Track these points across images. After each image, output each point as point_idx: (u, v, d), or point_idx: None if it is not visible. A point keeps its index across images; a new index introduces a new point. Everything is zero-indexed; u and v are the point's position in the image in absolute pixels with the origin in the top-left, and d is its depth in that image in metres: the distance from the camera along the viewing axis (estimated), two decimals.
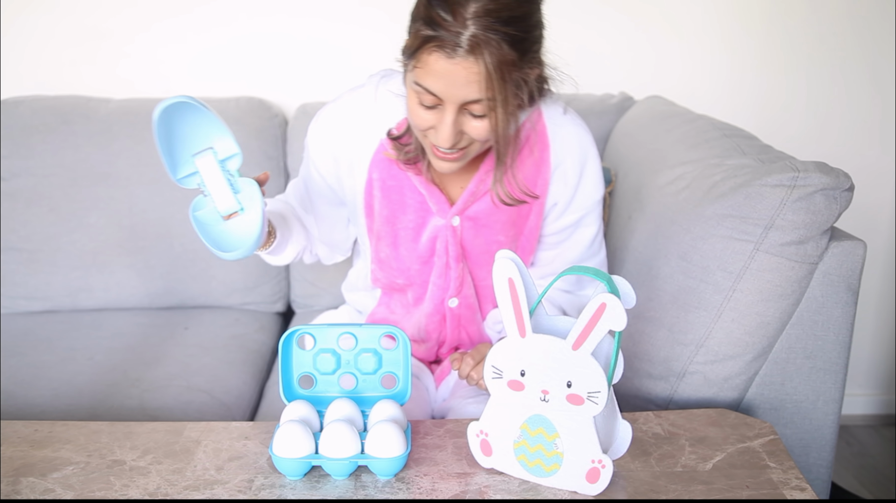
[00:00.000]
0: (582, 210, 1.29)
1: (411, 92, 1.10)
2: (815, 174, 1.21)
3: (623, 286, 0.98)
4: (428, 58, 1.04)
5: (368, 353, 1.14)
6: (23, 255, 1.87)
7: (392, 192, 1.26)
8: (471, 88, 1.04)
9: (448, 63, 1.03)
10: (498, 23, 1.01)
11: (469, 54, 1.02)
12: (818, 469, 1.34)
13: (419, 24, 1.05)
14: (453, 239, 1.27)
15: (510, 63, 1.04)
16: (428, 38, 1.03)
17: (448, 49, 1.02)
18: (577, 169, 1.26)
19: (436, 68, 1.04)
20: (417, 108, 1.10)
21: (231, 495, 0.99)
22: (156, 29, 2.01)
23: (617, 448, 1.04)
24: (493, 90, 1.04)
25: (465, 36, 1.01)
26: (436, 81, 1.05)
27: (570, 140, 1.25)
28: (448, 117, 1.08)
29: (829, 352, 1.28)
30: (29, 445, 1.10)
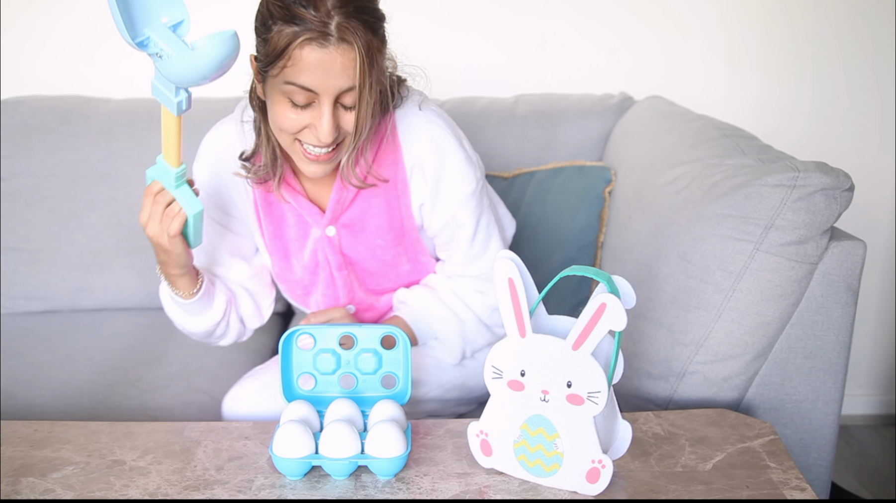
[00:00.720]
0: (450, 206, 1.27)
1: (279, 97, 1.10)
2: (816, 174, 1.21)
3: (623, 286, 0.98)
4: (301, 52, 1.06)
5: (368, 354, 1.14)
6: (23, 255, 1.87)
7: (272, 207, 1.29)
8: (346, 75, 1.07)
9: (322, 53, 1.05)
10: (356, 11, 1.06)
11: (341, 41, 1.05)
12: (818, 469, 1.34)
13: (279, 25, 1.06)
14: (331, 248, 1.28)
15: (375, 48, 1.08)
16: (296, 34, 1.05)
17: (321, 40, 1.04)
18: (434, 165, 1.24)
19: (311, 60, 1.05)
20: (287, 111, 1.10)
21: (231, 495, 0.99)
22: None
23: (617, 448, 1.04)
24: (364, 75, 1.07)
25: (332, 25, 1.05)
26: (311, 74, 1.06)
27: (422, 138, 1.23)
28: (326, 108, 1.09)
29: (829, 352, 1.28)
30: (29, 445, 1.10)
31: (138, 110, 1.90)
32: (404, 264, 1.32)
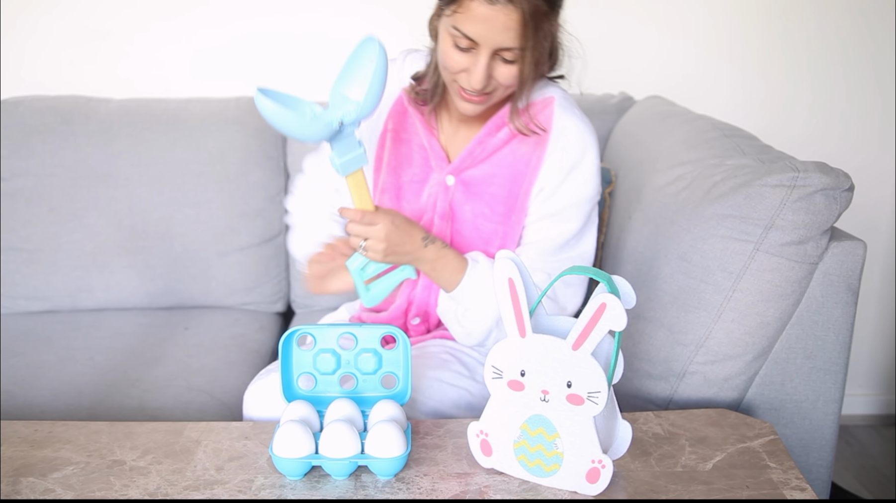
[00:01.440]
0: (566, 201, 1.27)
1: (447, 35, 1.15)
2: (815, 174, 1.21)
3: (623, 286, 0.98)
4: (470, 3, 1.10)
5: (368, 354, 1.14)
6: (23, 255, 1.87)
7: (402, 144, 1.32)
8: (507, 35, 1.11)
9: (488, 9, 1.09)
10: None
11: (509, 2, 1.09)
12: (818, 469, 1.34)
13: None
14: (444, 196, 1.30)
15: (543, 13, 1.12)
16: None
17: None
18: (571, 159, 1.26)
19: (477, 13, 1.10)
20: (451, 50, 1.15)
21: (231, 495, 0.99)
22: (156, 29, 2.01)
23: (617, 448, 1.04)
24: (527, 38, 1.11)
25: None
26: (475, 26, 1.11)
27: (573, 132, 1.26)
28: (482, 60, 1.14)
29: (829, 352, 1.28)
30: (29, 445, 1.10)
31: (138, 110, 1.90)
32: (495, 242, 1.32)
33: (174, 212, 1.87)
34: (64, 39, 2.00)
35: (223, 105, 1.92)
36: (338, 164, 1.14)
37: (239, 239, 1.90)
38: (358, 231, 1.18)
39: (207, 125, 1.88)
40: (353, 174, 1.15)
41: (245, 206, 1.89)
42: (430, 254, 1.24)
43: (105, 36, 2.01)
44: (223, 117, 1.89)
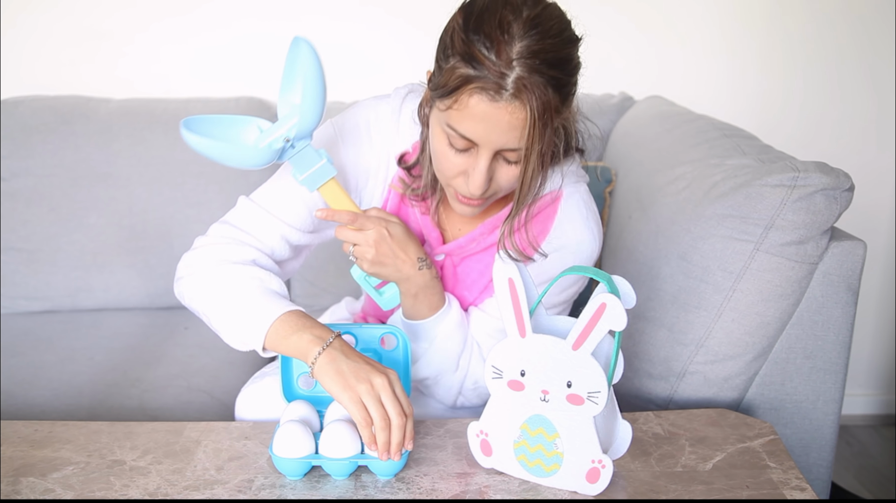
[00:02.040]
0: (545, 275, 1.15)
1: (440, 133, 1.01)
2: (816, 174, 1.21)
3: (623, 286, 0.98)
4: (468, 100, 0.95)
5: (368, 354, 1.14)
6: (23, 255, 1.87)
7: (401, 212, 1.19)
8: (512, 135, 0.97)
9: (491, 107, 0.94)
10: (544, 65, 0.94)
11: (515, 98, 0.94)
12: (818, 469, 1.34)
13: (456, 60, 0.95)
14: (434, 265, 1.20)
15: (553, 108, 0.96)
16: (468, 79, 0.94)
17: (492, 92, 0.93)
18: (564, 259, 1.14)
19: (476, 111, 0.95)
20: (447, 150, 1.01)
21: (231, 495, 0.99)
22: (155, 29, 2.01)
23: (617, 448, 1.04)
24: (534, 138, 0.96)
25: (510, 78, 0.93)
26: (475, 126, 0.96)
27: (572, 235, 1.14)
28: (482, 163, 0.99)
29: (829, 352, 1.28)
30: (29, 445, 1.10)
31: (138, 110, 1.90)
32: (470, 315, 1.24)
33: (174, 212, 1.87)
34: (63, 39, 2.00)
35: (223, 105, 1.92)
36: (300, 180, 1.05)
37: None
38: (346, 236, 1.10)
39: None
40: (324, 186, 1.07)
41: None
42: (422, 278, 1.13)
43: (104, 36, 2.01)
44: None
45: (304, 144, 1.04)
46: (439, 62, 0.99)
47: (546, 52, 0.94)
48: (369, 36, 2.02)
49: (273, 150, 1.01)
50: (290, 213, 1.13)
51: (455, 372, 1.20)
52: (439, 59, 1.00)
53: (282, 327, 1.03)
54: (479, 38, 0.94)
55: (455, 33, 0.97)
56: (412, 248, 1.12)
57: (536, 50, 0.94)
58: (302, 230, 1.14)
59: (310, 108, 1.00)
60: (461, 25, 0.97)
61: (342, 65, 2.02)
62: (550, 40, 0.95)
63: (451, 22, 1.00)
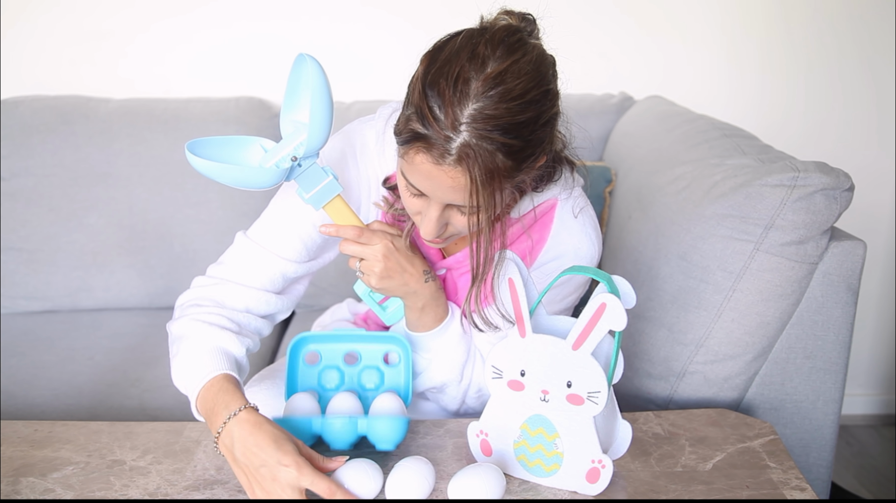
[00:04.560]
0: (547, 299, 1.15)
1: (400, 174, 1.00)
2: (816, 174, 1.21)
3: (623, 286, 0.98)
4: (415, 156, 0.94)
5: (371, 370, 1.16)
6: (23, 255, 1.87)
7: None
8: (456, 194, 0.95)
9: (433, 167, 0.93)
10: (496, 131, 0.90)
11: (457, 164, 0.91)
12: (818, 469, 1.34)
13: (410, 111, 0.94)
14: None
15: (502, 173, 0.93)
16: (416, 136, 0.93)
17: (435, 154, 0.92)
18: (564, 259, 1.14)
19: (421, 169, 0.94)
20: (405, 191, 1.01)
21: (231, 495, 0.99)
22: (156, 29, 2.01)
23: (617, 448, 1.04)
24: (478, 200, 0.93)
25: (455, 143, 0.90)
26: (420, 181, 0.96)
27: (569, 247, 1.13)
28: (432, 213, 0.99)
29: (829, 352, 1.28)
30: (29, 445, 1.10)
31: (138, 110, 1.90)
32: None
33: (174, 212, 1.87)
34: (64, 39, 2.00)
35: (223, 105, 1.92)
36: (307, 198, 1.05)
37: None
38: (352, 250, 1.08)
39: (207, 125, 1.88)
40: (329, 204, 1.06)
41: (245, 206, 1.89)
42: (428, 290, 1.12)
43: (105, 36, 2.01)
44: (223, 117, 1.89)
45: (310, 163, 1.03)
46: (404, 106, 0.97)
47: (500, 118, 0.90)
48: (369, 36, 2.02)
49: (280, 169, 1.01)
50: (285, 247, 1.13)
51: (459, 382, 1.19)
52: (404, 103, 0.97)
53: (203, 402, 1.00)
54: (432, 95, 0.92)
55: (416, 83, 0.95)
56: (418, 261, 1.11)
57: (489, 115, 0.90)
58: (298, 262, 1.14)
59: (318, 125, 0.99)
60: (422, 75, 0.94)
61: (342, 65, 2.02)
62: (508, 104, 0.90)
63: (418, 67, 0.97)
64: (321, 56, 1.04)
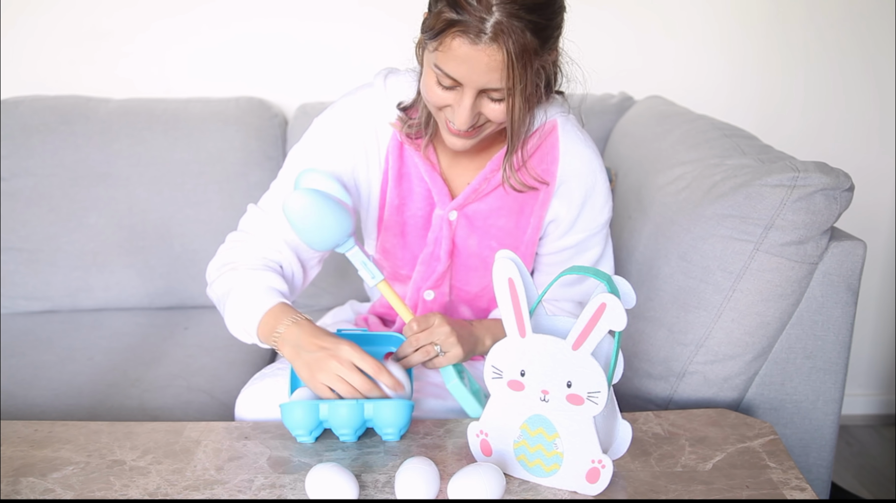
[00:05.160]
0: (585, 232, 1.26)
1: (430, 71, 1.08)
2: (816, 174, 1.21)
3: (623, 286, 0.98)
4: (451, 42, 1.02)
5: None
6: (23, 255, 1.87)
7: (402, 180, 1.25)
8: (492, 76, 1.03)
9: (471, 49, 1.01)
10: (523, 10, 1.00)
11: (493, 41, 1.00)
12: (818, 469, 1.34)
13: (443, 5, 1.02)
14: (447, 232, 1.25)
15: (532, 51, 1.03)
16: (451, 23, 1.01)
17: (472, 35, 1.00)
18: (583, 191, 1.23)
19: (458, 53, 1.02)
20: (434, 86, 1.08)
21: (231, 495, 0.99)
22: (156, 29, 2.01)
23: (617, 448, 1.04)
24: (514, 78, 1.03)
25: (489, 22, 0.99)
26: (457, 66, 1.03)
27: (581, 161, 1.22)
28: (466, 100, 1.07)
29: (829, 352, 1.28)
30: (29, 445, 1.10)
31: (138, 110, 1.90)
32: None
33: (174, 212, 1.87)
34: (63, 39, 2.00)
35: (223, 105, 1.92)
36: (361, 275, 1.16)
37: None
38: (423, 338, 1.14)
39: (207, 125, 1.88)
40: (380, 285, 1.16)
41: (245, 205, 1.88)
42: (480, 330, 1.22)
43: (105, 36, 2.01)
44: (223, 117, 1.89)
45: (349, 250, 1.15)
46: (430, 6, 1.06)
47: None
48: (369, 36, 2.02)
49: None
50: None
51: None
52: (430, 4, 1.06)
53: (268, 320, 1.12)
54: None
55: None
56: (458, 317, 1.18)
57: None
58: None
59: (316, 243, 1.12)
60: None
61: (341, 65, 2.02)
62: None
63: None
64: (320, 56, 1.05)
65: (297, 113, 1.94)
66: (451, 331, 1.15)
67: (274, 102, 2.02)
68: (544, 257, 1.30)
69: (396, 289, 1.34)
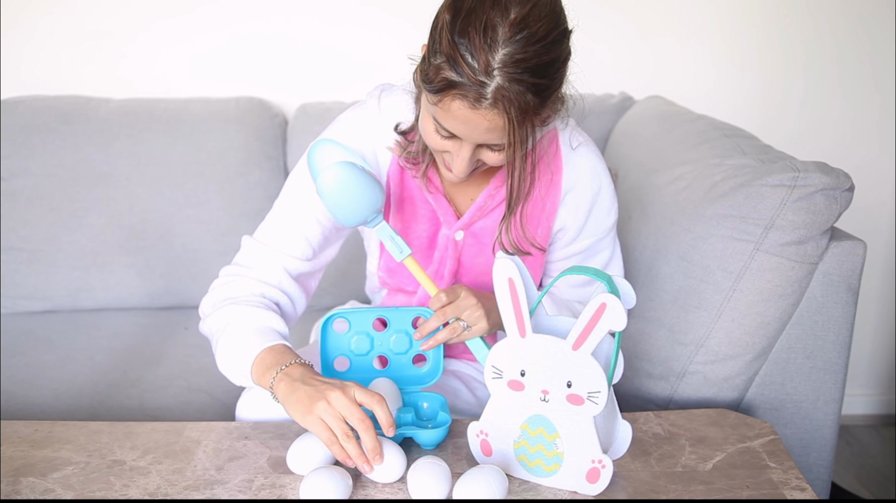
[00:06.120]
0: (593, 237, 1.25)
1: (428, 117, 1.05)
2: (816, 174, 1.21)
3: (623, 286, 0.98)
4: (451, 103, 0.99)
5: (401, 335, 1.18)
6: (23, 255, 1.87)
7: (405, 203, 1.24)
8: (492, 135, 1.01)
9: (471, 112, 0.98)
10: (526, 73, 0.96)
11: (493, 107, 0.97)
12: (818, 469, 1.34)
13: (441, 60, 0.98)
14: (453, 252, 1.24)
15: (533, 111, 1.00)
16: (450, 84, 0.97)
17: (471, 99, 0.97)
18: (589, 197, 1.21)
19: (457, 115, 0.99)
20: (433, 134, 1.06)
21: (231, 495, 0.99)
22: (156, 29, 2.01)
23: (617, 448, 1.04)
24: (513, 139, 1.00)
25: (490, 87, 0.96)
26: (456, 125, 1.01)
27: (584, 167, 1.20)
28: (465, 153, 1.05)
29: (829, 352, 1.28)
30: (29, 445, 1.10)
31: (138, 110, 1.90)
32: None
33: (174, 212, 1.87)
34: (64, 39, 2.00)
35: (223, 105, 1.92)
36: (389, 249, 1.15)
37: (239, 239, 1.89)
38: (450, 311, 1.12)
39: (207, 125, 1.88)
40: (407, 259, 1.15)
41: (245, 206, 1.89)
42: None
43: (105, 36, 2.01)
44: (223, 117, 1.89)
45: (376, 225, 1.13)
46: (428, 54, 1.02)
47: (528, 61, 0.96)
48: (370, 36, 2.02)
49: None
50: (289, 244, 1.19)
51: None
52: (429, 51, 1.02)
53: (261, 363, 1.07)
54: (463, 43, 0.96)
55: (443, 31, 0.98)
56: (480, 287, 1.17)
57: (519, 59, 0.95)
58: (302, 259, 1.20)
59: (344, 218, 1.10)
60: (448, 24, 0.98)
61: (342, 65, 2.02)
62: (534, 46, 0.96)
63: (440, 14, 1.01)
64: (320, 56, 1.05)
65: (297, 113, 1.94)
66: (478, 303, 1.13)
67: (274, 102, 2.02)
68: (554, 264, 1.29)
69: (400, 300, 1.33)
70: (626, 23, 2.04)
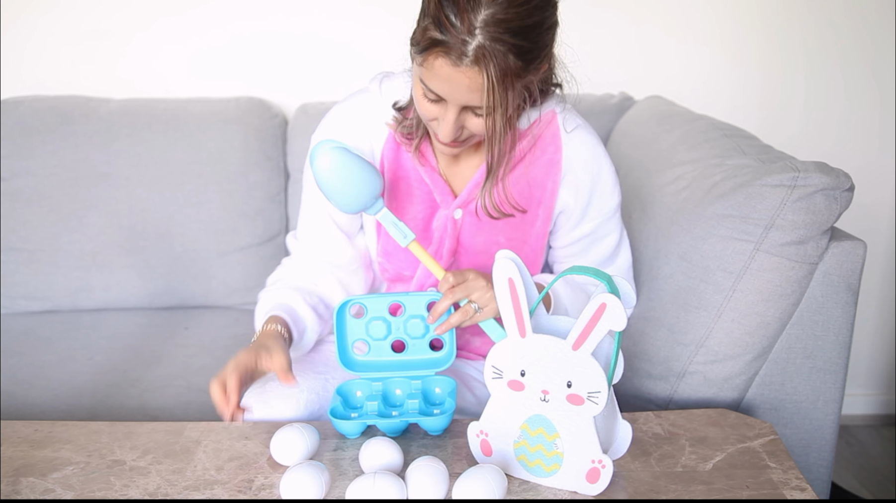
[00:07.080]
0: (598, 219, 1.26)
1: (417, 83, 1.09)
2: (816, 174, 1.21)
3: (623, 286, 0.98)
4: (434, 61, 1.03)
5: (416, 319, 1.19)
6: (23, 255, 1.87)
7: (400, 182, 1.25)
8: (473, 95, 1.04)
9: (452, 70, 1.02)
10: (507, 34, 1.00)
11: (474, 64, 1.00)
12: (818, 469, 1.34)
13: (427, 21, 1.03)
14: (452, 231, 1.25)
15: (514, 73, 1.02)
16: (434, 42, 1.02)
17: (453, 56, 1.01)
18: (589, 176, 1.23)
19: (440, 73, 1.03)
20: (422, 99, 1.10)
21: (231, 495, 0.99)
22: (155, 29, 2.01)
23: (617, 448, 1.04)
24: (494, 100, 1.03)
25: (471, 45, 1.00)
26: (439, 84, 1.05)
27: (584, 148, 1.23)
28: (450, 115, 1.08)
29: (829, 352, 1.28)
30: (29, 445, 1.10)
31: (138, 110, 1.90)
32: None
33: (174, 212, 1.87)
34: (63, 39, 2.00)
35: (223, 105, 1.92)
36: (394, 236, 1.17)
37: (239, 239, 1.90)
38: (459, 292, 1.13)
39: (207, 125, 1.88)
40: (412, 244, 1.16)
41: (245, 205, 1.89)
42: None
43: (104, 35, 2.01)
44: (223, 117, 1.89)
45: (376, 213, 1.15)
46: (419, 18, 1.07)
47: (510, 21, 1.00)
48: (369, 35, 2.02)
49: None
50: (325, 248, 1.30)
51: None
52: (419, 17, 1.07)
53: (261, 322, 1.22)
54: (448, 4, 1.01)
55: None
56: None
57: (501, 19, 0.99)
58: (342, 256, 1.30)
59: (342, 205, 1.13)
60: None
61: (342, 65, 2.02)
62: (517, 8, 1.00)
63: None
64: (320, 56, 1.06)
65: (297, 113, 1.94)
66: (488, 284, 1.14)
67: (274, 102, 2.02)
68: (561, 250, 1.30)
69: (398, 288, 1.34)
70: (626, 23, 2.04)
